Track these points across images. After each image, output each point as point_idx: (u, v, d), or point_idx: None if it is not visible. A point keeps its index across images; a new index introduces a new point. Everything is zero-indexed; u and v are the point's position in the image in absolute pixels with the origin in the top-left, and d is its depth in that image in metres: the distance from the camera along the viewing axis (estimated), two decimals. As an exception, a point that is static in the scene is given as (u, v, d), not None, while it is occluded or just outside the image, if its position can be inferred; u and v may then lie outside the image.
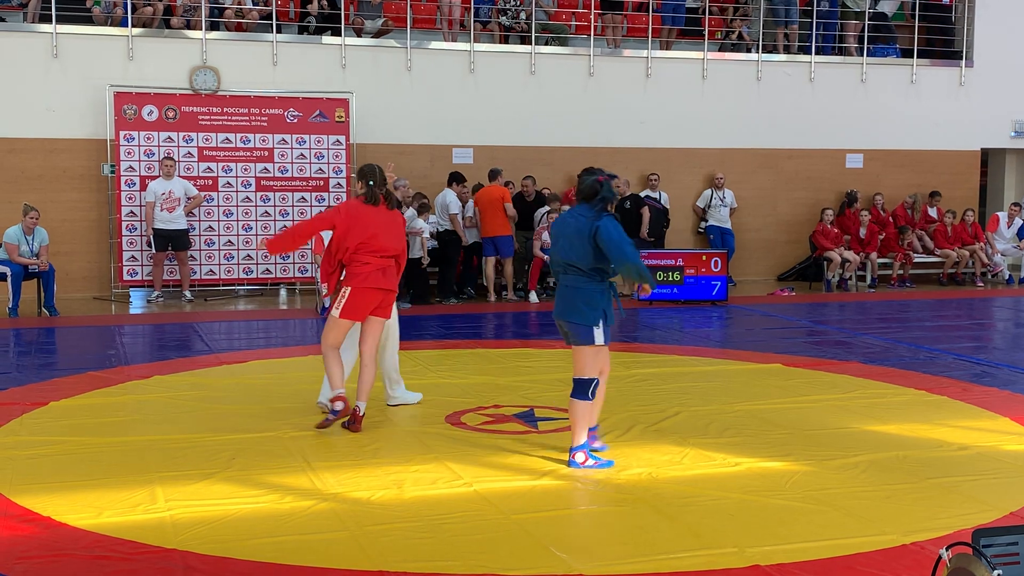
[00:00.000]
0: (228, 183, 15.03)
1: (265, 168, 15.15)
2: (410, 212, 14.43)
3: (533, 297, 14.61)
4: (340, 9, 15.53)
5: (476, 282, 15.03)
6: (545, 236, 14.66)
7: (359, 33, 15.87)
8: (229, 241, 15.08)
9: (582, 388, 6.29)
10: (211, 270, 15.05)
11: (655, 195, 16.30)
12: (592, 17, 16.73)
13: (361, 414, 7.26)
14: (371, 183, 7.36)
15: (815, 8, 17.64)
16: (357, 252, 7.20)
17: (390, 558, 4.81)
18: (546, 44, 16.77)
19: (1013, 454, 6.69)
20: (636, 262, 6.18)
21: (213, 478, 6.03)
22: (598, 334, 6.25)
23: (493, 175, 14.76)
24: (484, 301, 14.61)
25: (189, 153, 14.84)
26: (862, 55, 17.93)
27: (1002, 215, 17.88)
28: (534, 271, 14.71)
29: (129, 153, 14.59)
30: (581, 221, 6.27)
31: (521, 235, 15.02)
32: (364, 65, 15.68)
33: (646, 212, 15.40)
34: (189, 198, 14.38)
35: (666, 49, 17.29)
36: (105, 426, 7.32)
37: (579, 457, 6.30)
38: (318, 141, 15.32)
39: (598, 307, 6.22)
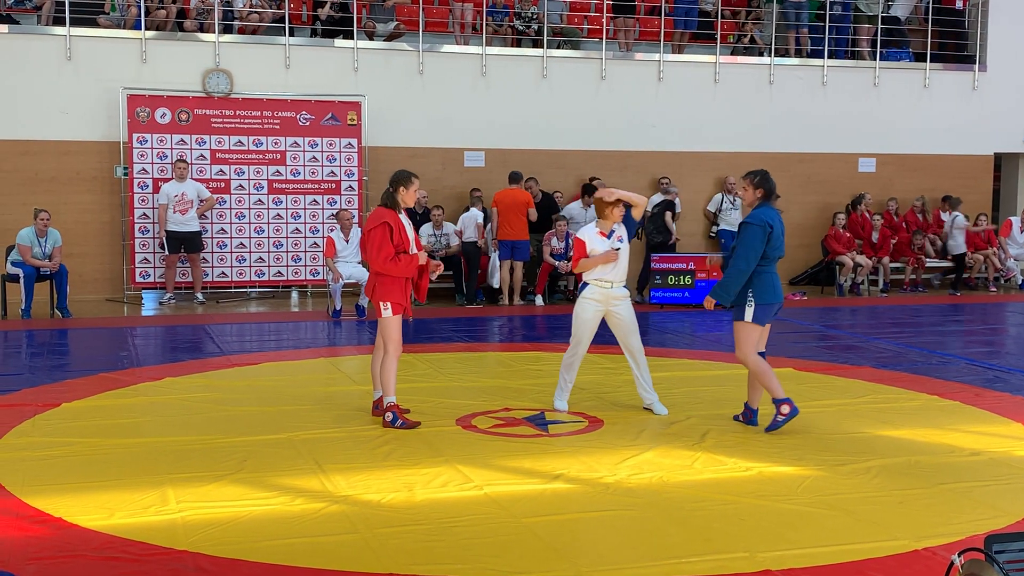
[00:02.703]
0: (240, 186, 15.07)
1: (277, 171, 15.19)
2: (473, 211, 14.61)
3: (540, 300, 14.61)
4: (352, 12, 15.56)
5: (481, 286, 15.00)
6: (555, 242, 14.66)
7: (371, 36, 15.89)
8: (241, 243, 15.12)
9: None
10: (223, 272, 15.09)
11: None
12: (604, 20, 16.73)
13: (375, 400, 7.71)
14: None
15: (828, 12, 17.61)
16: None
17: (400, 561, 4.81)
18: (558, 48, 16.78)
19: (1026, 460, 6.67)
20: None
21: (224, 480, 6.04)
22: None
23: (515, 179, 14.75)
24: (494, 304, 14.61)
25: (202, 155, 14.88)
26: (875, 59, 17.90)
27: (1015, 219, 17.81)
28: (542, 275, 14.71)
29: (142, 155, 14.64)
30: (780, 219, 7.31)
31: (534, 238, 15.01)
32: (376, 68, 15.71)
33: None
34: (202, 200, 14.42)
35: (678, 52, 17.28)
36: (117, 428, 7.33)
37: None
38: (330, 144, 15.35)
39: None
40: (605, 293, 7.73)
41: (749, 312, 7.17)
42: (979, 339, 12.14)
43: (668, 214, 15.60)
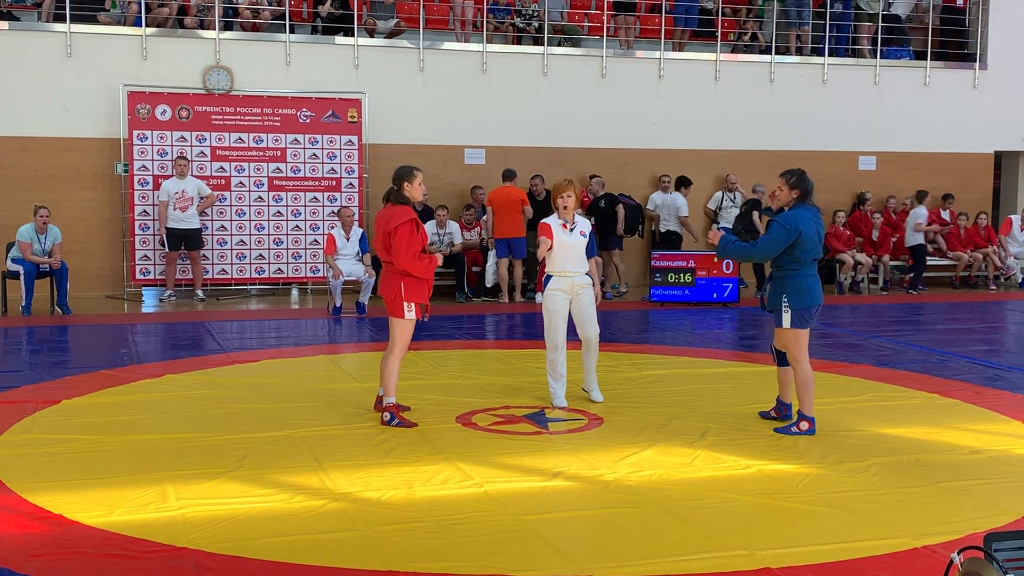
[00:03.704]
0: (241, 183, 15.07)
1: (278, 168, 15.19)
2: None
3: (540, 298, 14.59)
4: (353, 10, 15.55)
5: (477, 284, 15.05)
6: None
7: (372, 33, 15.89)
8: (241, 241, 15.12)
9: None
10: (223, 269, 15.10)
11: (672, 196, 16.34)
12: (605, 18, 16.73)
13: (378, 396, 7.63)
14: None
15: (828, 10, 17.61)
16: None
17: (400, 558, 4.81)
18: (559, 45, 16.77)
19: (1025, 458, 6.67)
20: None
21: (224, 477, 6.04)
22: None
23: (508, 176, 14.77)
24: (494, 301, 14.62)
25: (202, 153, 14.88)
26: (875, 57, 17.89)
27: (1015, 218, 17.82)
28: (542, 273, 14.69)
29: (142, 152, 14.64)
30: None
31: (532, 235, 15.01)
32: (377, 65, 15.71)
33: (620, 210, 15.49)
34: (202, 197, 14.42)
35: (679, 50, 17.27)
36: (117, 424, 7.34)
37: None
38: (330, 141, 15.35)
39: None
40: (569, 282, 8.05)
41: (787, 319, 7.15)
42: (979, 337, 12.15)
43: (755, 213, 15.80)
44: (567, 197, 7.97)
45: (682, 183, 16.25)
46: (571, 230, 8.01)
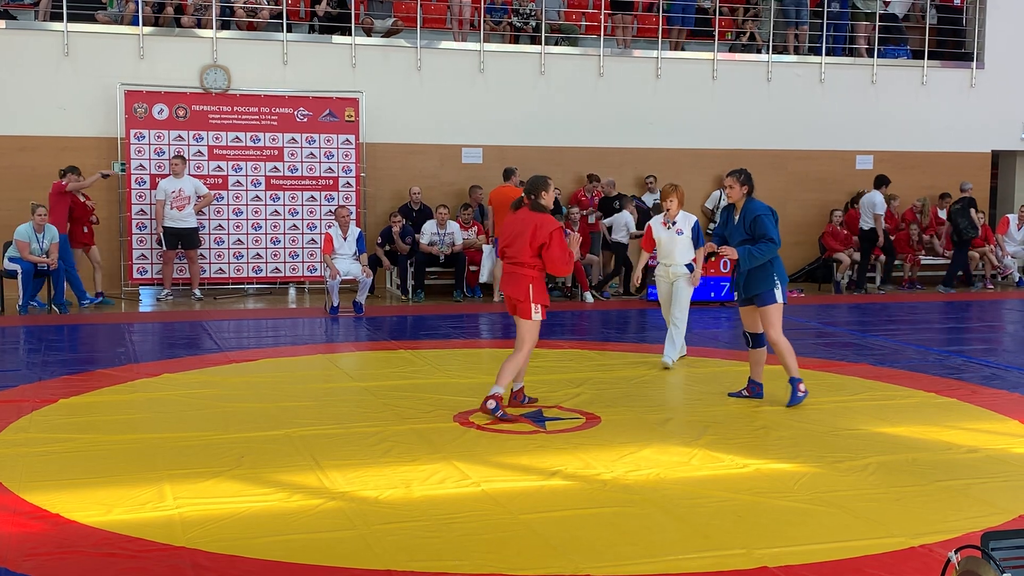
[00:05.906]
0: (238, 182, 15.06)
1: (275, 167, 15.18)
2: (624, 214, 14.88)
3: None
4: (350, 8, 15.54)
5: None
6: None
7: (369, 32, 15.88)
8: (239, 240, 15.11)
9: None
10: (221, 268, 15.09)
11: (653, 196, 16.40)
12: (602, 17, 16.73)
13: (512, 391, 7.94)
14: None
15: (825, 9, 17.62)
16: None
17: (398, 557, 4.81)
18: (556, 44, 16.78)
19: (1022, 457, 6.67)
20: None
21: (222, 476, 6.04)
22: None
23: (508, 174, 14.74)
24: (492, 301, 14.61)
25: (199, 152, 14.87)
26: (873, 56, 17.91)
27: (1012, 217, 17.81)
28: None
29: (139, 151, 14.63)
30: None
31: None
32: (374, 65, 15.70)
33: (634, 211, 15.54)
34: (199, 197, 14.41)
35: (676, 50, 17.28)
36: (114, 424, 7.33)
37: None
38: (328, 140, 15.34)
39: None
40: (667, 270, 9.72)
41: (778, 294, 7.89)
42: (976, 336, 12.15)
43: (972, 210, 16.19)
44: (670, 201, 9.44)
45: (881, 182, 16.08)
46: (669, 227, 9.48)
